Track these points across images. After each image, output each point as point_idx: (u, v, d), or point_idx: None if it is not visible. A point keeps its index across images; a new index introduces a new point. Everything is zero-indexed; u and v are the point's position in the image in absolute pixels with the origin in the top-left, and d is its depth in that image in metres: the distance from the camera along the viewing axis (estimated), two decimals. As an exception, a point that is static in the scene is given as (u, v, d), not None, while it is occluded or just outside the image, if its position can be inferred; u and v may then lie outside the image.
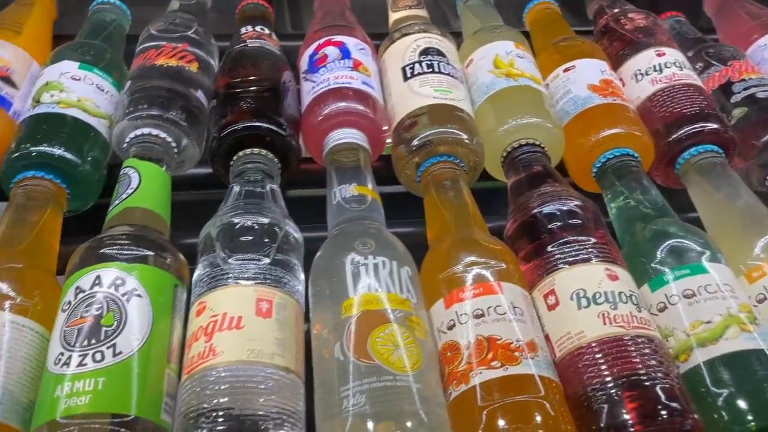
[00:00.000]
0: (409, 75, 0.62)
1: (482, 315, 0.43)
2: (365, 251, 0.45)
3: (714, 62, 0.69)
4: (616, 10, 0.76)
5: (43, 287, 0.44)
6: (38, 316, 0.43)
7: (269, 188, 0.53)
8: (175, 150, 0.56)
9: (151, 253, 0.45)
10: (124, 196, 0.50)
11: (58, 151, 0.53)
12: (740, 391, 0.41)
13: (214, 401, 0.37)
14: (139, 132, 0.55)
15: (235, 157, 0.55)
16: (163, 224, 0.50)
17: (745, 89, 0.65)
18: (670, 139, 0.60)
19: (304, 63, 0.65)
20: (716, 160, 0.59)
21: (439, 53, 0.64)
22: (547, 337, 0.45)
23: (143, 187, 0.51)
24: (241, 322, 0.41)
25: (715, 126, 0.60)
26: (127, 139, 0.55)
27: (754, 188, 0.62)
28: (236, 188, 0.52)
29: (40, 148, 0.52)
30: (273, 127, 0.56)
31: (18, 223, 0.48)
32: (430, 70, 0.62)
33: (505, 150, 0.59)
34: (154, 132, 0.55)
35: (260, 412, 0.37)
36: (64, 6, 0.73)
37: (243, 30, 0.68)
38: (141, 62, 0.61)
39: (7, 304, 0.42)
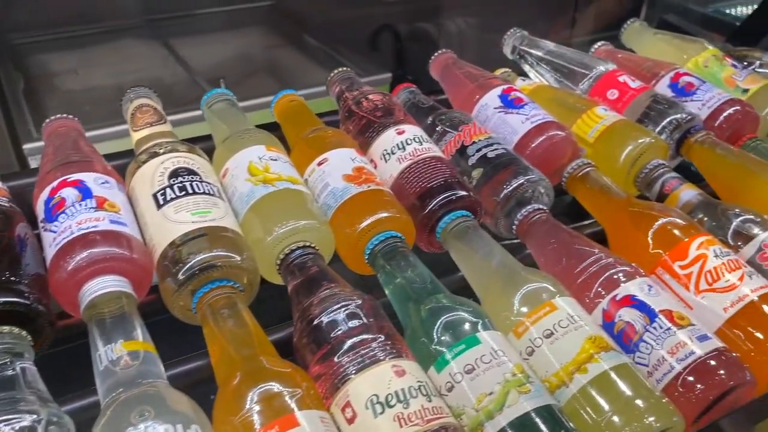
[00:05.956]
0: (162, 202, 0.59)
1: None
2: (144, 422, 0.42)
3: (448, 129, 0.76)
4: (355, 92, 0.81)
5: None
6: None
7: (19, 369, 0.47)
8: None
9: None
10: None
11: None
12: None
13: None
14: None
15: (-31, 344, 0.47)
16: None
17: (477, 151, 0.72)
18: (425, 212, 0.65)
19: (40, 210, 0.59)
20: (468, 224, 0.64)
21: (190, 172, 0.62)
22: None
23: None
24: None
25: (461, 192, 0.66)
26: None
27: (505, 237, 0.69)
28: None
29: None
30: (13, 299, 0.50)
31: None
32: (184, 192, 0.60)
33: (278, 258, 0.59)
34: None
35: None
36: None
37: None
38: None
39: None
